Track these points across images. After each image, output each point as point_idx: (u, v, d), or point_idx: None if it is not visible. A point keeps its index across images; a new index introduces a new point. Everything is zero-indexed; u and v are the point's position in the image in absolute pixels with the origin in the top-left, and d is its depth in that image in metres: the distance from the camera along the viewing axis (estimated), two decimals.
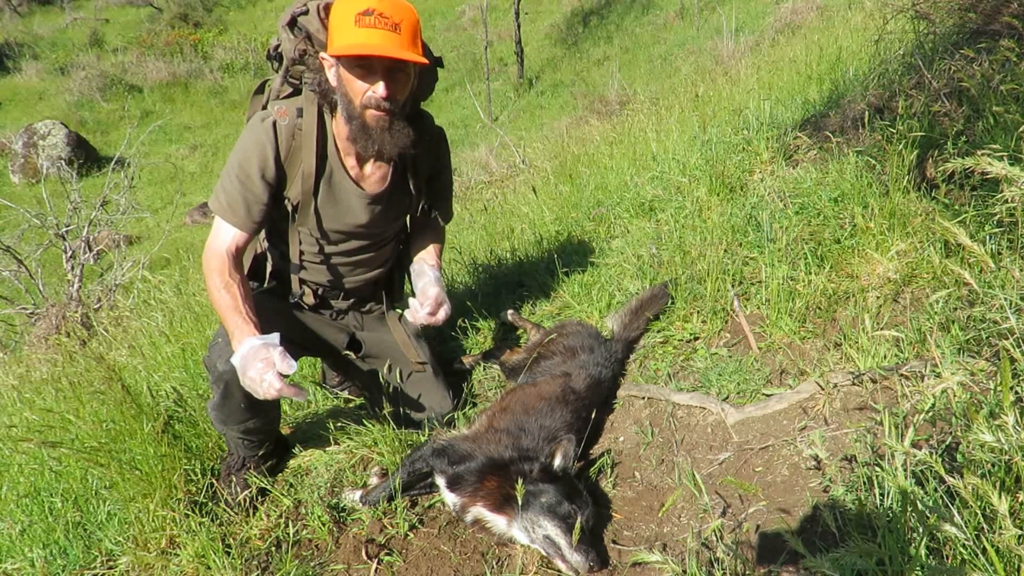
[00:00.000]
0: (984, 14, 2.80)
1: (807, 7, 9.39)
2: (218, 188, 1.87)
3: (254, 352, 1.66)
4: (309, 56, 1.87)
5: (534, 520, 1.63)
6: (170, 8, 20.46)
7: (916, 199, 2.32)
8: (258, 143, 1.84)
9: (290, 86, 1.94)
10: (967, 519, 1.16)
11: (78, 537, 2.02)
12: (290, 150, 1.87)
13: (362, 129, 1.81)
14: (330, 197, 1.96)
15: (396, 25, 1.69)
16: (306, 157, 1.88)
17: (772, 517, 1.61)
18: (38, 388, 3.04)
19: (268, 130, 1.84)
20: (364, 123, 1.80)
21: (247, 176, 1.84)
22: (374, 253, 2.16)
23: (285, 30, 1.88)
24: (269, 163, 1.85)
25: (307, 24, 1.85)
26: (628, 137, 5.22)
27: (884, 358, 1.90)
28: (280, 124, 1.85)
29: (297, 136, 1.86)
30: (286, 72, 1.91)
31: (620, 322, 2.47)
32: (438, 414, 2.21)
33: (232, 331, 1.75)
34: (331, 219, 1.99)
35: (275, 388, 1.64)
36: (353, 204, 1.99)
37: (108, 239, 7.69)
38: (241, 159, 1.85)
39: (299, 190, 1.91)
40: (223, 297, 1.79)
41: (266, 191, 1.87)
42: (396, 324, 2.26)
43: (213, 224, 1.90)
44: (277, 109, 1.86)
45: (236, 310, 1.77)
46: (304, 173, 1.89)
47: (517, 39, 14.02)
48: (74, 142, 12.41)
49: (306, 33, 1.86)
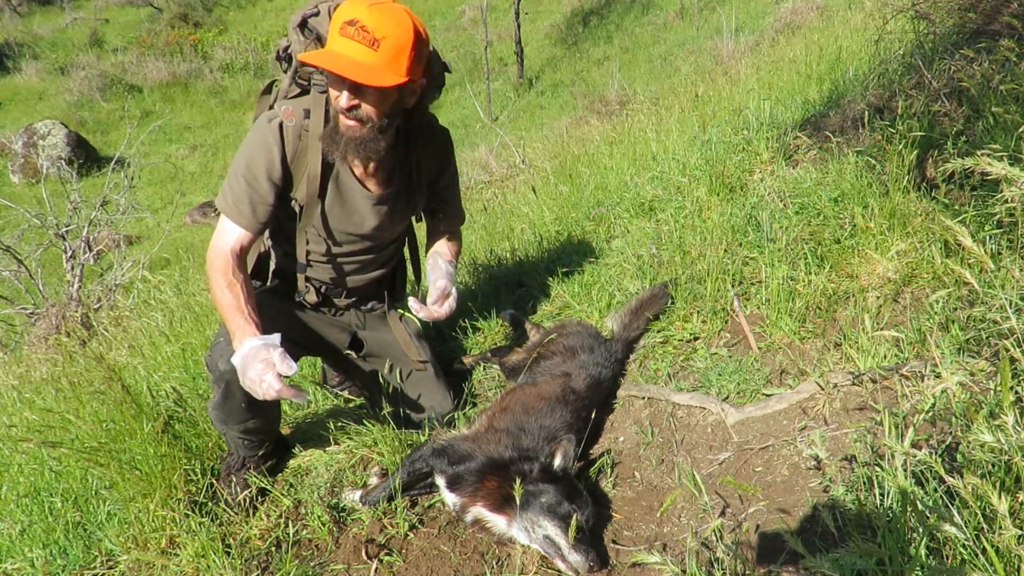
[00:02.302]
0: (984, 14, 2.80)
1: (807, 7, 9.38)
2: (225, 187, 1.88)
3: (254, 352, 1.66)
4: None
5: (534, 520, 1.63)
6: (170, 8, 20.45)
7: (916, 199, 2.32)
8: (264, 144, 1.84)
9: (298, 87, 1.94)
10: (967, 519, 1.16)
11: (78, 537, 2.02)
12: (297, 151, 1.87)
13: (334, 131, 1.80)
14: (338, 198, 1.96)
15: (375, 41, 1.64)
16: (312, 159, 1.87)
17: (772, 517, 1.61)
18: (38, 388, 3.04)
19: (275, 131, 1.84)
20: (336, 126, 1.79)
21: (253, 177, 1.84)
22: (379, 254, 2.16)
23: (296, 31, 1.87)
24: (275, 164, 1.85)
25: (318, 26, 1.85)
26: (628, 137, 5.22)
27: (884, 358, 1.90)
28: (287, 125, 1.85)
29: (304, 137, 1.86)
30: (295, 73, 1.91)
31: (620, 322, 2.47)
32: (438, 414, 2.22)
33: (233, 331, 1.75)
34: (339, 220, 1.99)
35: (274, 389, 1.64)
36: (360, 205, 1.99)
37: (108, 239, 7.70)
38: (248, 160, 1.85)
39: (305, 191, 1.91)
40: (225, 296, 1.79)
41: (272, 192, 1.87)
42: (397, 323, 2.26)
43: (218, 223, 1.90)
44: (284, 110, 1.86)
45: (238, 310, 1.77)
46: (310, 175, 1.89)
47: (517, 39, 14.02)
48: (74, 142, 12.40)
49: (316, 35, 1.85)
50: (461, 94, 13.54)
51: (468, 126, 11.95)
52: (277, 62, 1.99)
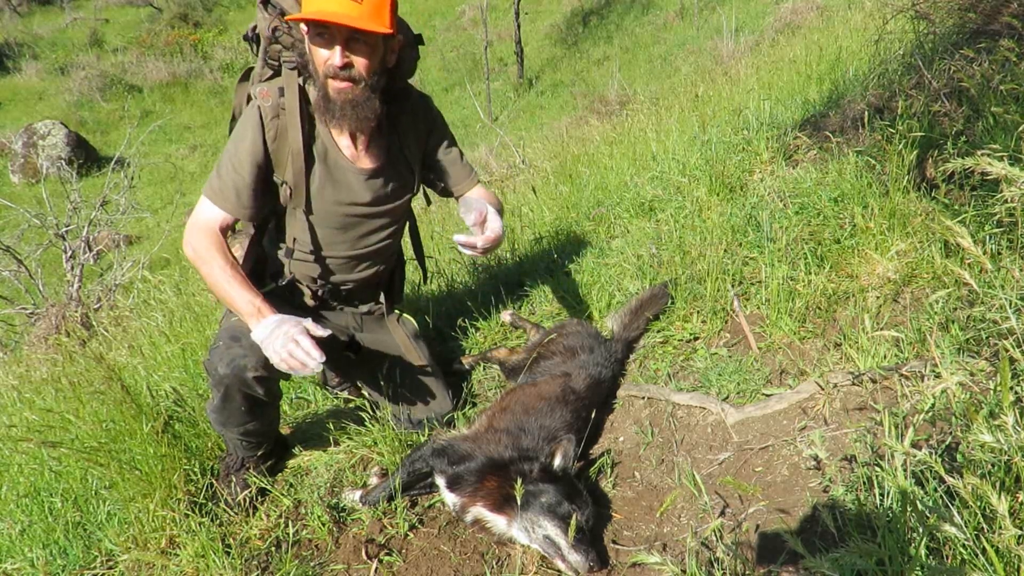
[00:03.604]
0: (984, 14, 2.81)
1: (807, 7, 9.39)
2: (212, 175, 1.87)
3: (278, 322, 1.67)
4: (282, 33, 1.86)
5: (534, 520, 1.63)
6: (170, 8, 20.43)
7: (916, 199, 2.32)
8: (248, 128, 1.84)
9: (270, 68, 1.92)
10: (967, 519, 1.16)
11: (78, 537, 2.02)
12: (277, 131, 1.85)
13: (324, 99, 1.79)
14: (328, 176, 1.93)
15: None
16: (292, 135, 1.85)
17: (772, 517, 1.61)
18: (38, 388, 3.04)
19: (255, 114, 1.83)
20: (326, 93, 1.78)
21: (240, 162, 1.84)
22: (376, 245, 2.10)
23: (260, 8, 1.87)
24: (259, 147, 1.84)
25: (280, 1, 1.85)
26: (628, 137, 5.22)
27: (884, 358, 1.90)
28: (263, 106, 1.83)
29: (281, 116, 1.84)
30: (265, 53, 1.90)
31: (620, 322, 2.47)
32: (438, 414, 2.21)
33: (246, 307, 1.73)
34: (331, 199, 1.95)
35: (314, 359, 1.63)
36: (352, 181, 1.95)
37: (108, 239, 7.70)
38: (235, 146, 1.85)
39: (291, 169, 1.89)
40: (228, 273, 1.77)
41: (256, 176, 1.85)
42: (395, 326, 2.25)
43: (197, 206, 1.88)
44: (259, 91, 1.85)
45: (248, 287, 1.76)
46: (293, 152, 1.87)
47: (517, 39, 14.02)
48: (74, 142, 12.39)
49: (280, 10, 1.85)
50: (461, 94, 13.54)
51: (468, 126, 11.94)
52: (247, 43, 1.97)
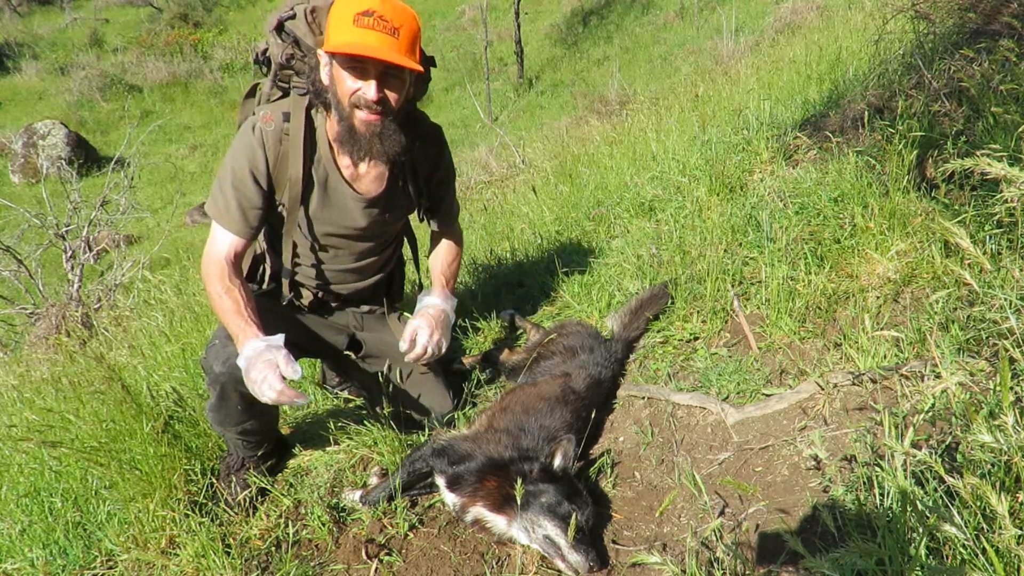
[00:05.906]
0: (984, 14, 2.80)
1: (807, 7, 9.39)
2: (215, 192, 1.87)
3: (258, 354, 1.67)
4: (296, 60, 1.87)
5: (534, 520, 1.63)
6: (170, 8, 20.42)
7: (916, 199, 2.32)
8: (250, 148, 1.84)
9: (279, 89, 1.94)
10: (967, 519, 1.16)
11: (78, 537, 2.02)
12: (278, 156, 1.86)
13: (350, 131, 1.79)
14: (324, 201, 1.94)
15: (395, 29, 1.68)
16: (293, 162, 1.86)
17: (772, 517, 1.61)
18: (38, 388, 3.03)
19: (258, 136, 1.84)
20: (352, 125, 1.78)
21: (241, 182, 1.84)
22: (374, 258, 2.14)
23: (272, 34, 1.88)
24: (260, 169, 1.84)
25: (294, 29, 1.86)
26: (628, 137, 5.22)
27: (884, 358, 1.90)
28: (265, 130, 1.83)
29: (284, 141, 1.85)
30: (275, 76, 1.91)
31: (620, 322, 2.47)
32: (438, 414, 2.21)
33: (236, 334, 1.75)
34: (326, 222, 1.97)
35: (275, 390, 1.64)
36: (349, 207, 1.97)
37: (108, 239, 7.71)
38: (234, 165, 1.85)
39: (288, 196, 1.90)
40: (224, 302, 1.79)
41: (260, 196, 1.86)
42: (397, 325, 2.26)
43: (211, 230, 1.90)
44: (262, 115, 1.85)
45: (238, 313, 1.77)
46: (292, 178, 1.88)
47: (517, 39, 14.02)
48: (74, 142, 12.40)
49: (294, 38, 1.86)
50: (461, 94, 13.54)
51: (468, 126, 11.94)
52: (256, 65, 1.98)
